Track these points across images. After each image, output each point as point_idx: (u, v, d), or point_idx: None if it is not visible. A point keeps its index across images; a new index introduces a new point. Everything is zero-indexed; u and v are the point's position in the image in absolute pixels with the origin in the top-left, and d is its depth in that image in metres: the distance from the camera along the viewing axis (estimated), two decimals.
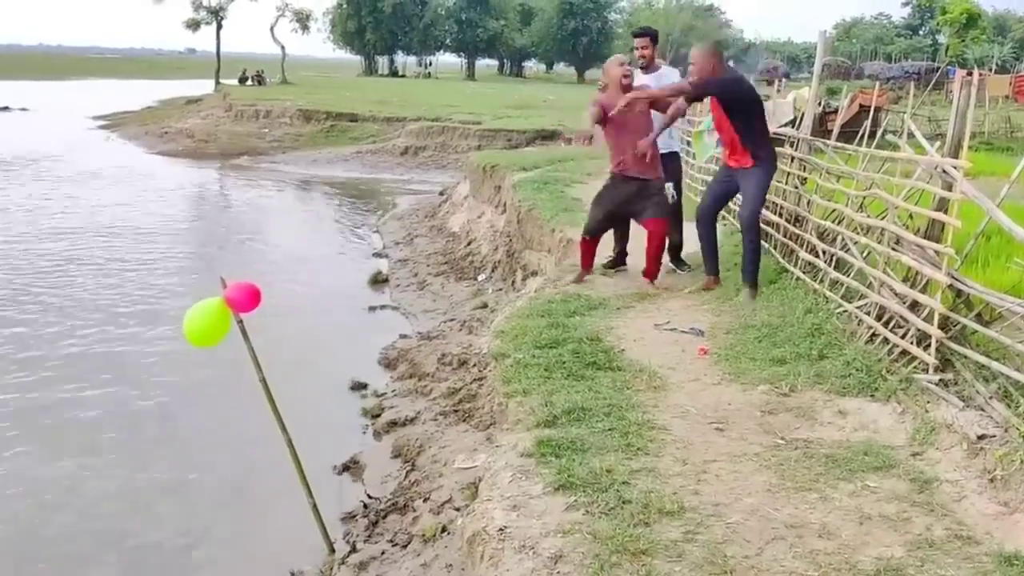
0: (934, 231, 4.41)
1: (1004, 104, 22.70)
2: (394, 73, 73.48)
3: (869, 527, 3.02)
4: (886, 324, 4.51)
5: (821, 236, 5.84)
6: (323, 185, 21.66)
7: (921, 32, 71.57)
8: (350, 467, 5.74)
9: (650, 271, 6.57)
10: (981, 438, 3.41)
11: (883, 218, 4.95)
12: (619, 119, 6.19)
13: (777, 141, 7.24)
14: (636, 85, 6.64)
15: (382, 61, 77.21)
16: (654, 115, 6.38)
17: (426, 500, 4.58)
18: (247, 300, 4.21)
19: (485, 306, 9.23)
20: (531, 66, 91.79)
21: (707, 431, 3.89)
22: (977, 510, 3.14)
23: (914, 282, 4.40)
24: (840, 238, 5.55)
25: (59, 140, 27.31)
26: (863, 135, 5.70)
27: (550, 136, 22.88)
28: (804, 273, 5.89)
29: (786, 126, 9.67)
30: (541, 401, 4.16)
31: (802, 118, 7.29)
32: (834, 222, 5.72)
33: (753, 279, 5.93)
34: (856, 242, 5.21)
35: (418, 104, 31.61)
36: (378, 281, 11.43)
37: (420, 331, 8.75)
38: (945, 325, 3.99)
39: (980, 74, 4.47)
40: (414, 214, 16.51)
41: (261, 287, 4.29)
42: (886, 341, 4.44)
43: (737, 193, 6.25)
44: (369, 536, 4.59)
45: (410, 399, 6.50)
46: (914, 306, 4.28)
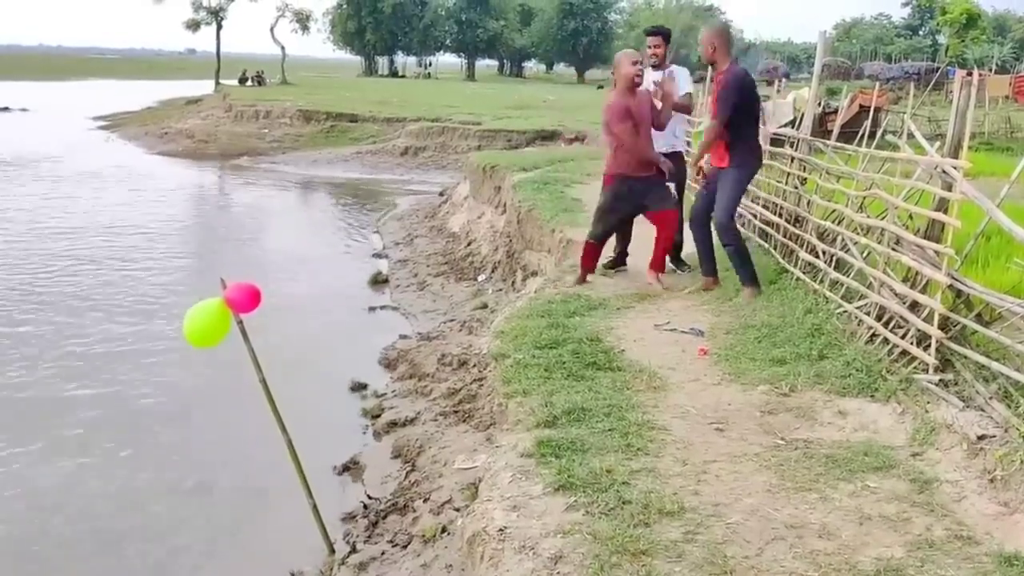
0: (934, 231, 4.41)
1: (1004, 104, 22.71)
2: (394, 73, 73.51)
3: (869, 527, 3.02)
4: (886, 324, 4.51)
5: (821, 236, 5.84)
6: (323, 185, 21.67)
7: (921, 32, 71.62)
8: (350, 467, 5.74)
9: (657, 262, 6.55)
10: (981, 438, 3.42)
11: (883, 218, 4.95)
12: (638, 117, 6.19)
13: (777, 141, 7.26)
14: (646, 83, 6.67)
15: (382, 61, 77.28)
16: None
17: (426, 500, 4.58)
18: (247, 301, 4.21)
19: (485, 306, 9.22)
20: (531, 66, 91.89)
21: (707, 431, 3.89)
22: (977, 510, 3.14)
23: (914, 282, 4.40)
24: (840, 238, 5.55)
25: (59, 140, 27.31)
26: (863, 135, 5.70)
27: (550, 136, 22.87)
28: (804, 273, 5.89)
29: (786, 126, 9.68)
30: (541, 401, 4.16)
31: (802, 118, 7.30)
32: (834, 222, 5.72)
33: (751, 280, 5.92)
34: (856, 242, 5.21)
35: (418, 104, 31.60)
36: (378, 281, 11.43)
37: (420, 331, 8.75)
38: (945, 325, 3.99)
39: (980, 74, 4.47)
40: (414, 214, 16.51)
41: (261, 287, 4.29)
42: (886, 341, 4.44)
43: None
44: (369, 536, 4.59)
45: (410, 399, 6.50)
46: (914, 306, 4.28)
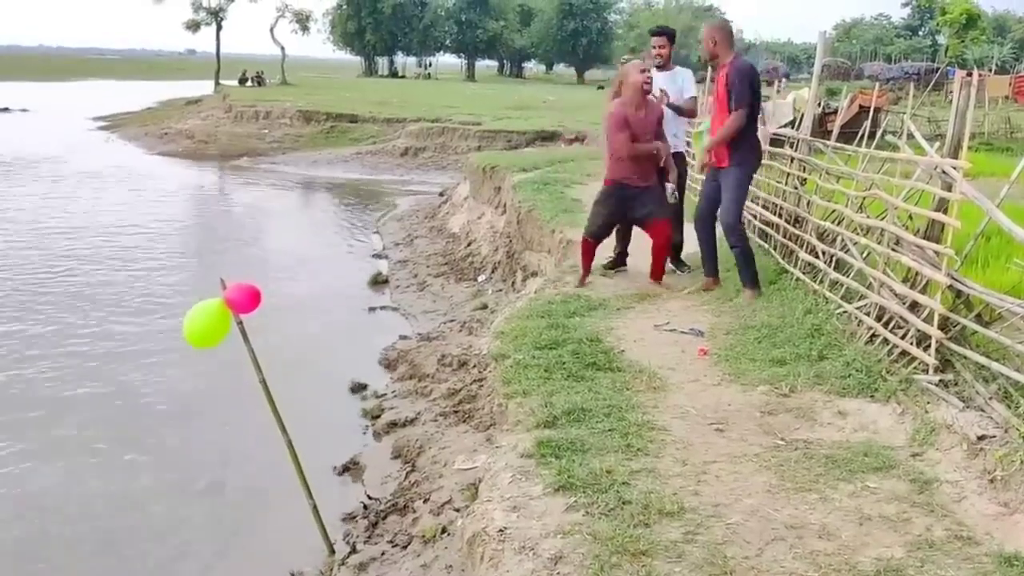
0: (934, 232, 4.41)
1: (1004, 105, 22.69)
2: (394, 74, 73.53)
3: (869, 528, 3.02)
4: (886, 325, 4.51)
5: (821, 237, 5.84)
6: (323, 186, 21.67)
7: (921, 33, 71.62)
8: (350, 468, 5.74)
9: (656, 272, 6.60)
10: (981, 439, 3.42)
11: (883, 219, 4.95)
12: (634, 131, 6.25)
13: (777, 142, 7.26)
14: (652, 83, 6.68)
15: (382, 62, 77.29)
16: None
17: (426, 501, 4.58)
18: (247, 301, 4.21)
19: (485, 307, 9.22)
20: (531, 67, 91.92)
21: (707, 432, 3.89)
22: (977, 511, 3.14)
23: (914, 283, 4.40)
24: (840, 239, 5.55)
25: (59, 141, 27.31)
26: (863, 136, 5.70)
27: (550, 137, 22.87)
28: (804, 274, 5.89)
29: (786, 127, 9.68)
30: (541, 402, 4.16)
31: (802, 119, 7.30)
32: (834, 223, 5.72)
33: (753, 282, 5.92)
34: (856, 243, 5.21)
35: (418, 105, 31.60)
36: (378, 282, 11.42)
37: (420, 332, 8.75)
38: (945, 326, 3.99)
39: (980, 75, 4.47)
40: (414, 215, 16.51)
41: (261, 288, 4.29)
42: (886, 342, 4.44)
43: None
44: (369, 537, 4.59)
45: (410, 400, 6.49)
46: (914, 307, 4.28)
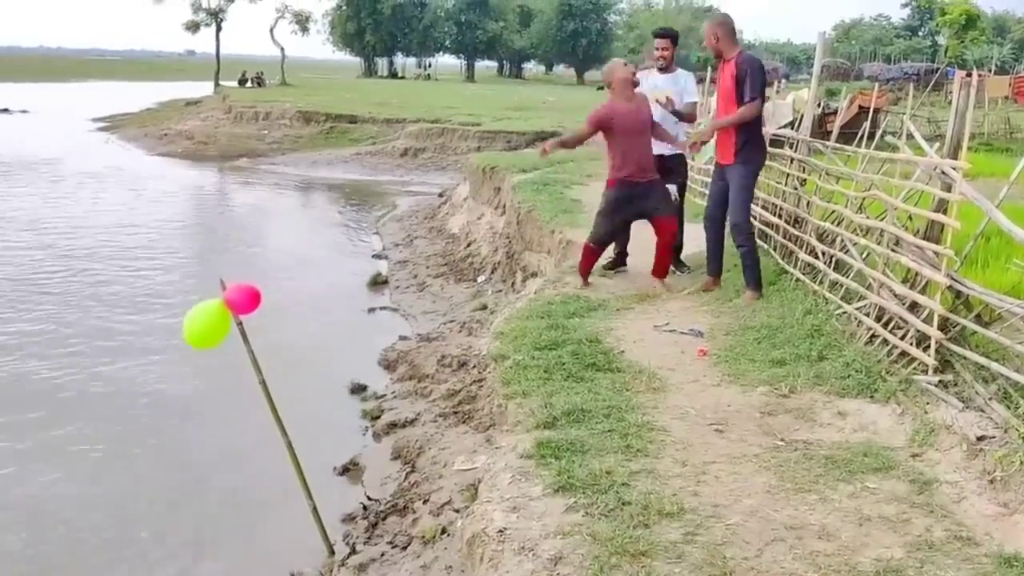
0: (933, 232, 4.41)
1: (1003, 105, 22.69)
2: (394, 75, 73.55)
3: (869, 528, 3.02)
4: (885, 325, 4.51)
5: (820, 237, 5.84)
6: (322, 187, 21.67)
7: (920, 33, 71.66)
8: (350, 469, 5.74)
9: (660, 270, 6.55)
10: (981, 439, 3.42)
11: (882, 219, 4.95)
12: (625, 124, 6.21)
13: (776, 142, 7.26)
14: (653, 85, 6.68)
15: (382, 63, 77.32)
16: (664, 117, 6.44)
17: (426, 502, 4.58)
18: (247, 302, 4.20)
19: (485, 308, 9.22)
20: (530, 68, 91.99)
21: (706, 432, 3.89)
22: (977, 511, 3.14)
23: (913, 283, 4.40)
24: (839, 239, 5.55)
25: (59, 142, 27.32)
26: (862, 136, 5.70)
27: (550, 138, 22.80)
28: (803, 274, 5.89)
29: (785, 127, 9.68)
30: (541, 403, 4.16)
31: (801, 119, 7.31)
32: (833, 223, 5.72)
33: (756, 283, 5.91)
34: (855, 243, 5.21)
35: (418, 106, 31.60)
36: (378, 283, 11.42)
37: (420, 333, 8.75)
38: (944, 326, 3.99)
39: (979, 75, 4.47)
40: (414, 216, 16.51)
41: (260, 288, 4.29)
42: (885, 342, 4.44)
43: None
44: (369, 538, 4.59)
45: (410, 401, 6.49)
46: (913, 307, 4.28)
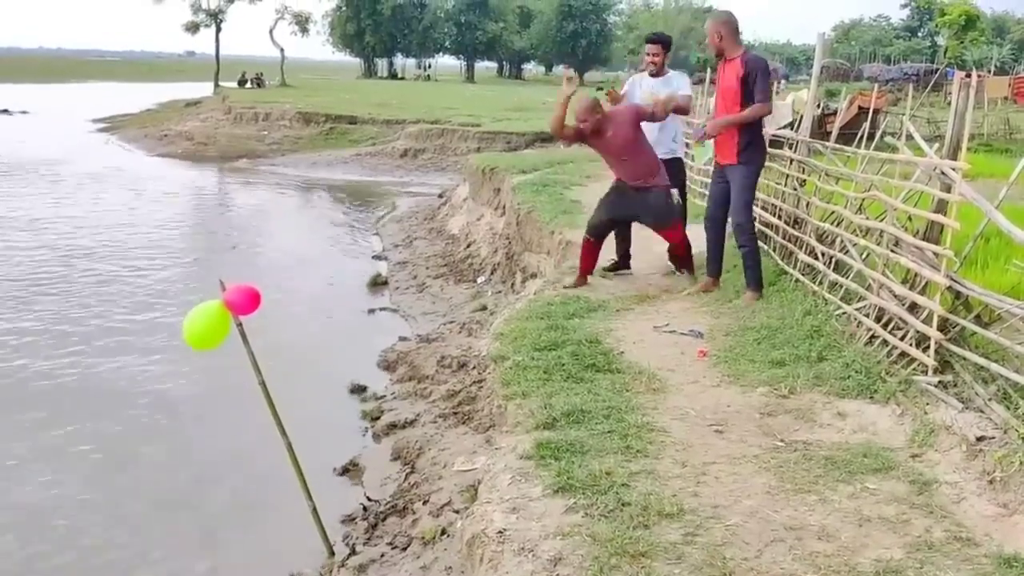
0: (933, 233, 4.41)
1: (1003, 106, 22.70)
2: (393, 75, 73.55)
3: (868, 529, 3.02)
4: (885, 326, 4.51)
5: (820, 238, 5.84)
6: (322, 187, 21.65)
7: (920, 34, 71.70)
8: (349, 469, 5.73)
9: (685, 264, 6.82)
10: (980, 440, 3.42)
11: (882, 220, 4.96)
12: (599, 148, 6.33)
13: (776, 143, 7.26)
14: (646, 89, 6.69)
15: (381, 63, 77.34)
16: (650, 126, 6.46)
17: (426, 502, 4.58)
18: (246, 303, 4.20)
19: (484, 308, 9.22)
20: (530, 68, 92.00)
21: (706, 433, 3.89)
22: (976, 512, 3.14)
23: (913, 284, 4.40)
24: (839, 240, 5.55)
25: (59, 143, 27.30)
26: (862, 137, 5.71)
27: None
28: (803, 275, 5.89)
29: (785, 128, 9.68)
30: (540, 403, 4.16)
31: (801, 120, 7.31)
32: (833, 224, 5.73)
33: (757, 284, 5.91)
34: (855, 244, 5.21)
35: (417, 106, 31.60)
36: (377, 283, 11.41)
37: (419, 333, 8.75)
38: (944, 327, 3.99)
39: (979, 76, 4.47)
40: (413, 216, 16.51)
41: (260, 289, 4.29)
42: (885, 343, 4.44)
43: None
44: (368, 539, 4.59)
45: (409, 401, 6.49)
46: (913, 308, 4.29)
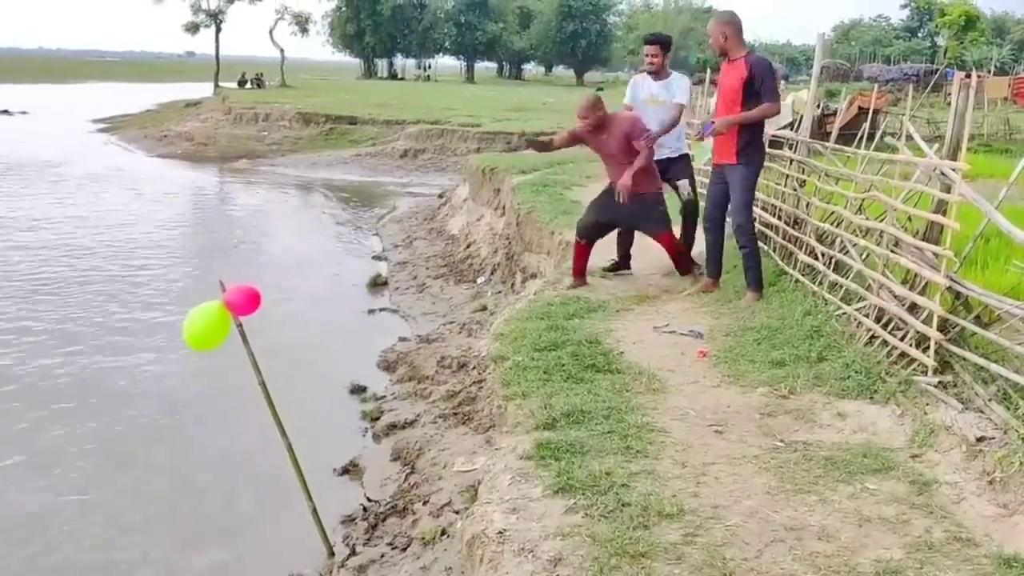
0: (933, 233, 4.41)
1: (1003, 106, 22.72)
2: (393, 76, 73.54)
3: (868, 529, 3.02)
4: (885, 326, 4.51)
5: (820, 238, 5.85)
6: (322, 188, 21.65)
7: (920, 34, 71.68)
8: (349, 470, 5.73)
9: (681, 268, 6.74)
10: (980, 440, 3.42)
11: (882, 220, 4.96)
12: (597, 148, 6.37)
13: (776, 144, 7.26)
14: (646, 92, 6.66)
15: (381, 64, 77.31)
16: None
17: (425, 503, 4.58)
18: (246, 303, 4.21)
19: (484, 309, 9.22)
20: (530, 69, 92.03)
21: (706, 433, 3.89)
22: (976, 512, 3.14)
23: (913, 284, 4.40)
24: (839, 240, 5.55)
25: (59, 144, 27.30)
26: (862, 137, 5.71)
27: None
28: (803, 275, 5.89)
29: (785, 128, 9.68)
30: (540, 404, 4.16)
31: (801, 120, 7.31)
32: (833, 224, 5.73)
33: (757, 284, 5.90)
34: (855, 244, 5.22)
35: (417, 107, 31.60)
36: (377, 284, 11.41)
37: (419, 334, 8.75)
38: (944, 327, 3.99)
39: (979, 76, 4.48)
40: (413, 217, 16.51)
41: (260, 290, 4.29)
42: (885, 343, 4.44)
43: None
44: (368, 539, 4.59)
45: (409, 402, 6.49)
46: (913, 308, 4.29)
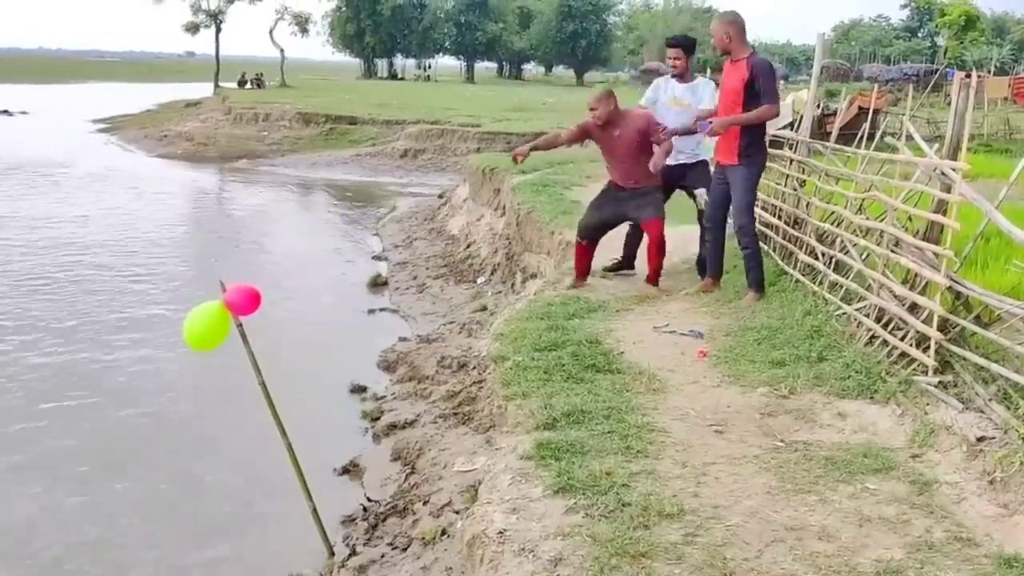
0: (933, 233, 4.41)
1: (1003, 106, 22.71)
2: (393, 76, 73.50)
3: (869, 529, 3.02)
4: (885, 326, 4.51)
5: (820, 238, 5.85)
6: (322, 188, 21.66)
7: (920, 34, 71.68)
8: (350, 470, 5.73)
9: (652, 275, 6.52)
10: (980, 440, 3.42)
11: (882, 220, 4.96)
12: (605, 144, 6.37)
13: (776, 143, 7.26)
14: (669, 94, 6.61)
15: (381, 64, 77.26)
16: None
17: (426, 503, 4.57)
18: (246, 303, 4.20)
19: (484, 309, 9.22)
20: (530, 69, 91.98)
21: (706, 433, 3.89)
22: (976, 512, 3.14)
23: (913, 284, 4.40)
24: (839, 240, 5.55)
25: (59, 144, 27.29)
26: (862, 137, 5.71)
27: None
28: (803, 275, 5.89)
29: (785, 128, 9.68)
30: (540, 404, 4.16)
31: (801, 120, 7.31)
32: (833, 224, 5.73)
33: (758, 284, 5.90)
34: (855, 244, 5.22)
35: (417, 107, 31.59)
36: (377, 284, 11.41)
37: (419, 334, 8.75)
38: (944, 327, 3.99)
39: (979, 76, 4.48)
40: (413, 217, 16.51)
41: (260, 290, 4.29)
42: (885, 343, 4.44)
43: None
44: (369, 539, 4.59)
45: (409, 402, 6.49)
46: (913, 308, 4.29)
